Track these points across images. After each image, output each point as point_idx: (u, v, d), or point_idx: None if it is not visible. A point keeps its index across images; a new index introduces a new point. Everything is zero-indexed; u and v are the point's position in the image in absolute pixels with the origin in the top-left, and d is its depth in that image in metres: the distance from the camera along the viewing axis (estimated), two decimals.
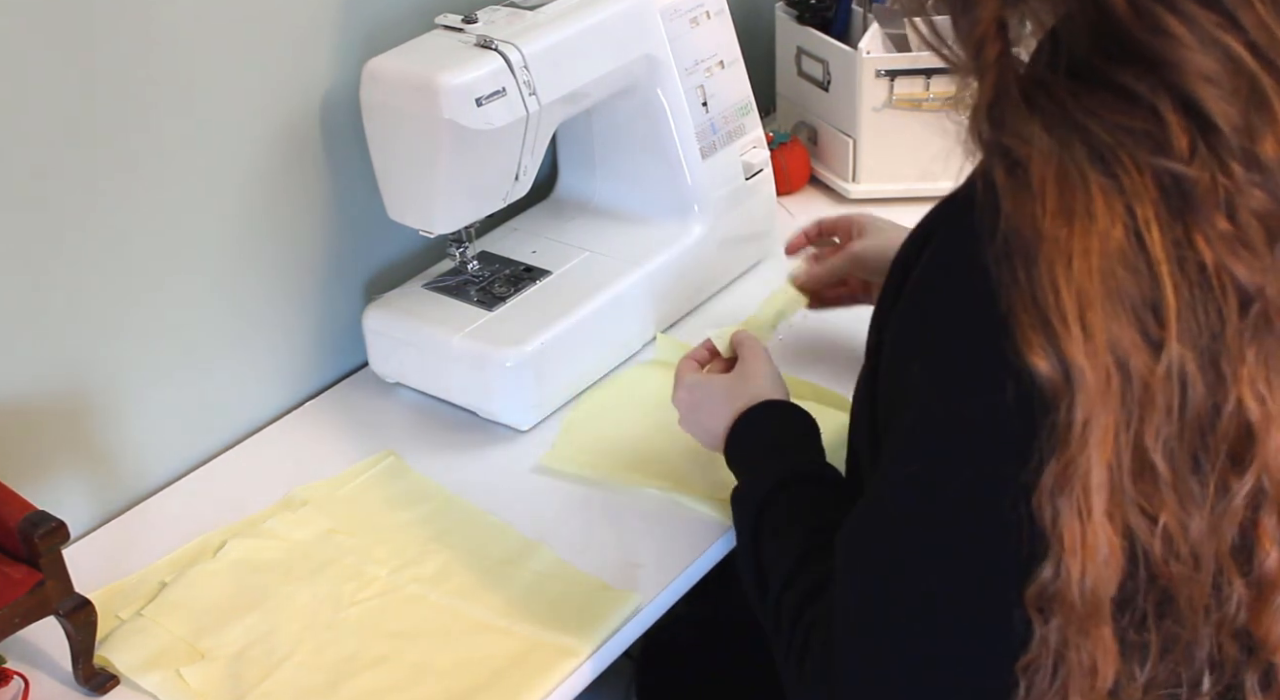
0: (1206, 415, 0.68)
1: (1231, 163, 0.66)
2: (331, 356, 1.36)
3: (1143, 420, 0.67)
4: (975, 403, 0.71)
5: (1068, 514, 0.68)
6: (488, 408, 1.26)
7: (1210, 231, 0.66)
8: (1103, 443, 0.67)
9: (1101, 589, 0.69)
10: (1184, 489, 0.69)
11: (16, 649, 1.04)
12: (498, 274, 1.33)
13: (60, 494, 1.15)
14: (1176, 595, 0.71)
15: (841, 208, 1.58)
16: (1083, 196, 0.66)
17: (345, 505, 1.19)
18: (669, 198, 1.39)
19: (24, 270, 1.09)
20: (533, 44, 1.19)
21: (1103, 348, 0.66)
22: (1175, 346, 0.66)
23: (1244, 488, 0.69)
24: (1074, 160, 0.67)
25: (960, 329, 0.73)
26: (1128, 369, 0.66)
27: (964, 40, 0.72)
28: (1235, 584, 0.72)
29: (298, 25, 1.22)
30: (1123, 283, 0.66)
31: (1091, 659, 0.71)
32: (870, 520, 0.80)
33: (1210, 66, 0.66)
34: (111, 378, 1.18)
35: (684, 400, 1.11)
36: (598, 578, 1.08)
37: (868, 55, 1.50)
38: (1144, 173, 0.66)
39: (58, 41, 1.05)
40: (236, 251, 1.24)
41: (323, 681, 1.01)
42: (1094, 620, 0.70)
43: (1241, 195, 0.67)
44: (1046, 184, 0.67)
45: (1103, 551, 0.68)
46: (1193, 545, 0.70)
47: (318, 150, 1.27)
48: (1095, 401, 0.66)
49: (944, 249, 0.75)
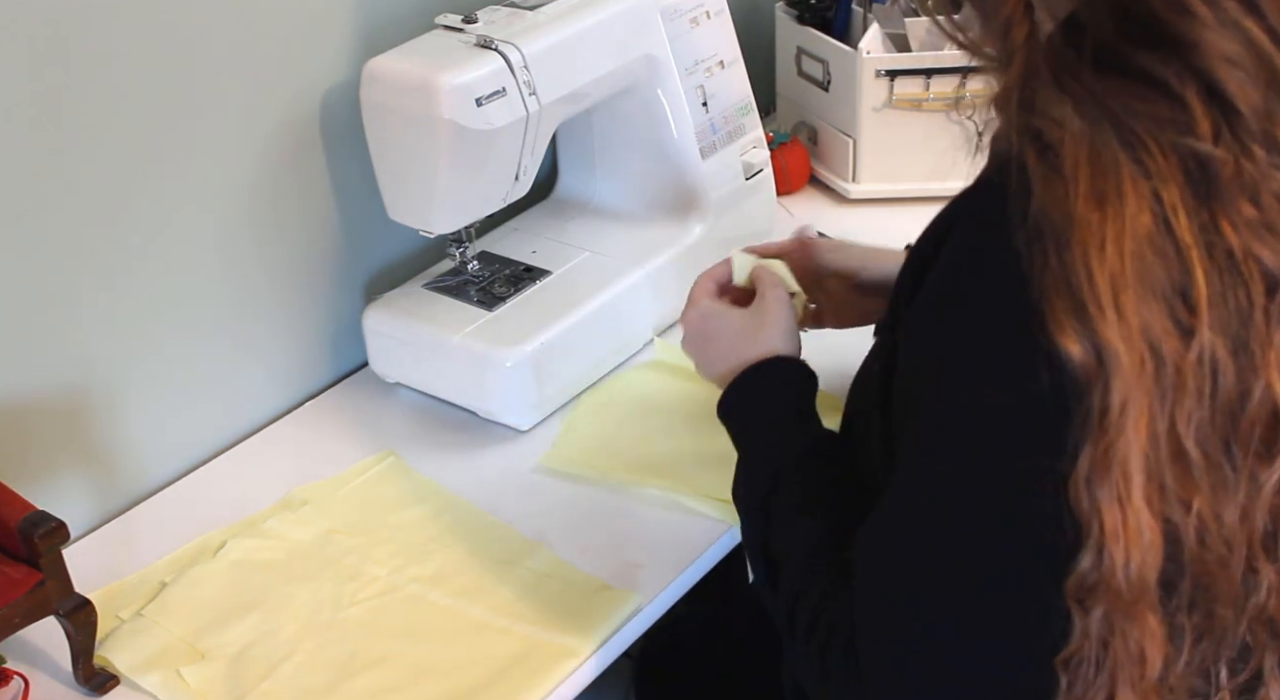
0: (1237, 401, 0.68)
1: (1254, 146, 0.66)
2: (331, 356, 1.36)
3: (1175, 405, 0.67)
4: (1010, 392, 0.70)
5: (1107, 500, 0.68)
6: (488, 408, 1.26)
7: (1236, 216, 0.66)
8: (1138, 426, 0.67)
9: (1146, 574, 0.69)
10: (1216, 475, 0.69)
11: (16, 649, 1.04)
12: (498, 274, 1.33)
13: (60, 494, 1.15)
14: (1210, 582, 0.71)
15: (841, 207, 1.58)
16: (1114, 180, 0.66)
17: (345, 505, 1.19)
18: (669, 198, 1.39)
19: (24, 270, 1.09)
20: (533, 44, 1.19)
21: (1136, 331, 0.66)
22: (1206, 332, 0.66)
23: (1274, 475, 0.69)
24: (1105, 143, 0.67)
25: (991, 317, 0.72)
26: (1160, 354, 0.66)
27: (989, 23, 0.71)
28: (1265, 571, 0.72)
29: (298, 25, 1.22)
30: (1153, 268, 0.66)
31: (1139, 646, 0.71)
32: (898, 520, 0.78)
33: (1233, 49, 0.66)
34: (111, 378, 1.18)
35: (693, 323, 1.06)
36: (598, 578, 1.08)
37: (868, 55, 1.50)
38: (1169, 157, 0.66)
39: (58, 41, 1.05)
40: (236, 251, 1.24)
41: (323, 681, 1.01)
42: (1140, 606, 0.70)
43: (1265, 179, 0.67)
44: (1079, 167, 0.67)
45: (1145, 536, 0.68)
46: (1225, 531, 0.70)
47: (318, 150, 1.27)
48: (1131, 384, 0.66)
49: (971, 237, 0.75)
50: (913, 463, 0.78)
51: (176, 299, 1.21)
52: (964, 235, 0.75)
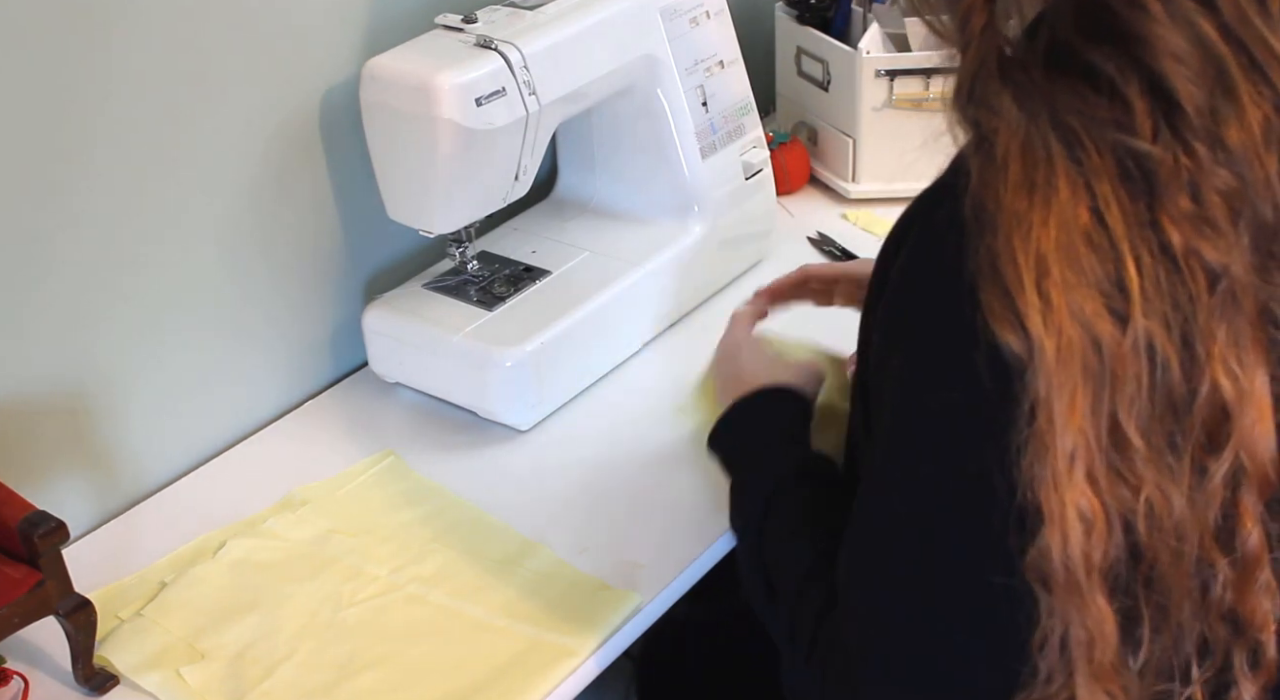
0: (1183, 396, 0.68)
1: (1195, 144, 0.67)
2: (331, 356, 1.36)
3: (1115, 392, 0.67)
4: (956, 387, 0.71)
5: (1043, 485, 0.68)
6: (488, 408, 1.26)
7: (1175, 211, 0.67)
8: (1070, 412, 0.67)
9: (1083, 558, 0.69)
10: (1161, 465, 0.69)
11: (16, 649, 1.04)
12: (498, 274, 1.33)
13: (60, 494, 1.15)
14: (1164, 572, 0.71)
15: (841, 207, 1.58)
16: (1045, 170, 0.67)
17: (345, 505, 1.19)
18: (669, 198, 1.39)
19: (24, 270, 1.09)
20: (533, 44, 1.19)
21: (1065, 317, 0.66)
22: (1141, 321, 0.67)
23: (1222, 467, 0.70)
24: (1039, 134, 0.67)
25: (935, 312, 0.73)
26: (1096, 340, 0.67)
27: (951, 10, 0.72)
28: (1220, 564, 0.72)
29: (298, 25, 1.22)
30: (1085, 259, 0.66)
31: (1087, 631, 0.71)
32: (868, 524, 0.80)
33: (1180, 45, 0.66)
34: (112, 378, 1.18)
35: (729, 349, 1.11)
36: (598, 578, 1.08)
37: (868, 55, 1.50)
38: (1104, 153, 0.67)
39: (58, 40, 1.05)
40: (236, 251, 1.24)
41: (323, 681, 1.01)
42: (1080, 590, 0.70)
43: (1205, 175, 0.67)
44: (1010, 156, 0.68)
45: (1082, 521, 0.68)
46: (1176, 521, 0.70)
47: (318, 150, 1.27)
48: (1055, 369, 0.67)
49: (921, 237, 0.76)
50: (879, 465, 0.79)
51: (177, 299, 1.21)
52: (915, 238, 0.76)
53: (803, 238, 1.53)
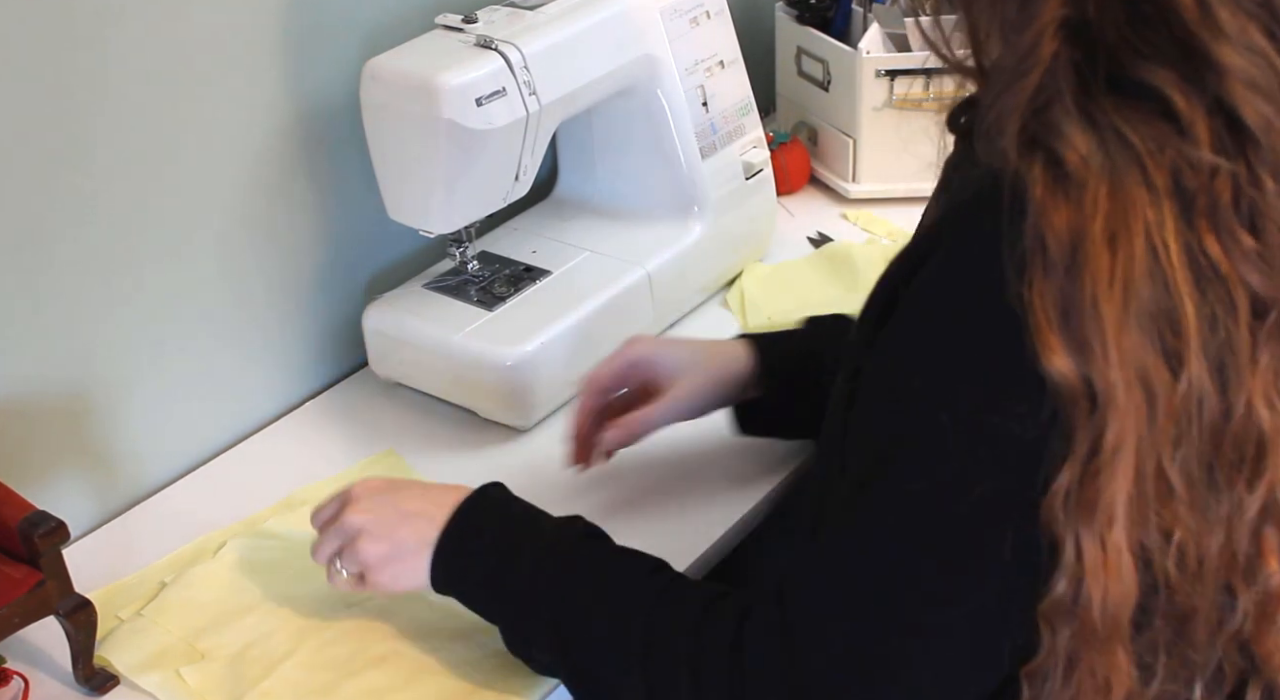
0: (1222, 429, 0.67)
1: (1263, 174, 0.66)
2: (331, 356, 1.36)
3: (1163, 440, 0.66)
4: (988, 414, 0.69)
5: (1089, 536, 0.67)
6: (488, 408, 1.26)
7: (1230, 242, 0.66)
8: (1128, 465, 0.66)
9: (1122, 611, 0.68)
10: (1199, 505, 0.68)
11: (16, 649, 1.04)
12: (498, 274, 1.33)
13: (60, 494, 1.15)
14: (1185, 608, 0.70)
15: (841, 207, 1.58)
16: (1128, 219, 0.65)
17: None
18: (669, 198, 1.39)
19: (24, 270, 1.09)
20: (533, 44, 1.19)
21: (1133, 371, 0.65)
22: (1194, 361, 0.65)
23: (1257, 500, 0.69)
24: (1128, 183, 0.65)
25: (973, 336, 0.71)
26: (1152, 390, 0.66)
27: (1015, 33, 0.68)
28: (1243, 596, 0.71)
29: (298, 25, 1.22)
30: (1143, 297, 0.65)
31: (1105, 677, 0.70)
32: (856, 542, 0.76)
33: (1253, 72, 0.65)
34: (112, 378, 1.18)
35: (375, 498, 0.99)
36: None
37: (868, 55, 1.50)
38: (1169, 186, 0.65)
39: (57, 40, 1.05)
40: (236, 251, 1.24)
41: (323, 681, 1.01)
42: (1112, 642, 0.69)
43: (1270, 208, 0.66)
44: (1099, 203, 0.65)
45: (1125, 573, 0.67)
46: (1204, 558, 0.69)
47: (318, 150, 1.27)
48: (1127, 425, 0.65)
49: (962, 255, 0.72)
50: (876, 481, 0.76)
51: (176, 299, 1.21)
52: (958, 253, 0.73)
53: (803, 238, 1.53)
